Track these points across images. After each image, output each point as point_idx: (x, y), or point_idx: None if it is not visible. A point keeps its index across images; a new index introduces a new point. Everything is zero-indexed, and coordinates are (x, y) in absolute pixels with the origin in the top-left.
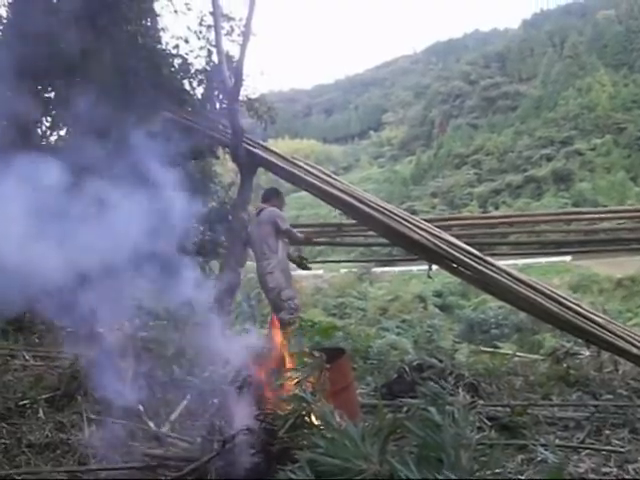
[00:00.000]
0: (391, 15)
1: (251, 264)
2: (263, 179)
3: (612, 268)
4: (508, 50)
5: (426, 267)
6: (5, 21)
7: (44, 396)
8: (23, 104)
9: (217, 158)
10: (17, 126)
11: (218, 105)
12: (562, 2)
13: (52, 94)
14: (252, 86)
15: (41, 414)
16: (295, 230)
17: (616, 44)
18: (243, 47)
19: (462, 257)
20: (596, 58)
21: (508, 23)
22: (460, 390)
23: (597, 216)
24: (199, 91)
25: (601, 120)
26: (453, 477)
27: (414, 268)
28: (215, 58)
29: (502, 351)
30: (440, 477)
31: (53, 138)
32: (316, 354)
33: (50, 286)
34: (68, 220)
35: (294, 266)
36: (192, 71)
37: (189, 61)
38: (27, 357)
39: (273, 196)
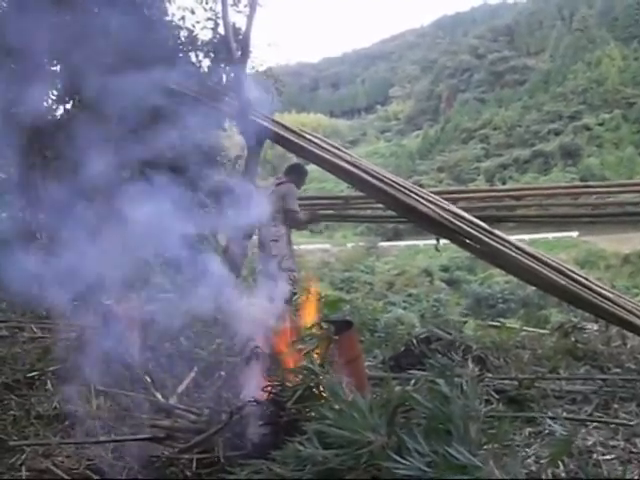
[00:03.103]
0: None
1: (257, 238)
2: (270, 153)
3: (619, 244)
4: (516, 23)
5: (433, 242)
6: None
7: (52, 368)
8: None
9: (224, 131)
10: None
11: (225, 77)
12: None
13: (57, 67)
14: (259, 58)
15: (49, 386)
16: (301, 212)
17: (626, 17)
18: (250, 18)
19: (470, 230)
20: (606, 31)
21: None
22: (468, 363)
23: (605, 190)
24: (205, 63)
25: (610, 95)
26: (461, 449)
27: (421, 242)
28: (222, 30)
29: (509, 325)
30: (448, 449)
31: (59, 112)
32: (324, 326)
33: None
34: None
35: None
36: (198, 43)
37: (195, 33)
38: (35, 329)
39: (294, 172)
